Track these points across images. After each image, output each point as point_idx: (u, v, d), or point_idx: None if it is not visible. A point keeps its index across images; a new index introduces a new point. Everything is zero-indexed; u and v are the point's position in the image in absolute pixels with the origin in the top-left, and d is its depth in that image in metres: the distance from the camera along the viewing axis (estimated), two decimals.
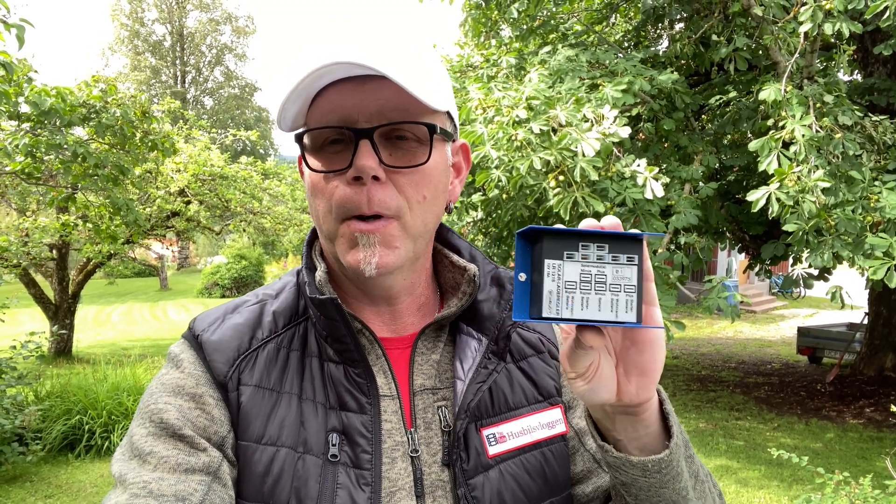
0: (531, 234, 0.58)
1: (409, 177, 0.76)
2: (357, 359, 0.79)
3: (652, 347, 0.63)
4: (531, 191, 4.65)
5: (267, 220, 11.82)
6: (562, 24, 7.56)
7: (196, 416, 0.75)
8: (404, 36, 0.79)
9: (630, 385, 0.65)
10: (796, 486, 5.34)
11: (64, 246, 10.18)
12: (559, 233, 0.57)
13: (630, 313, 0.57)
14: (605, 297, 0.57)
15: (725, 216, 7.00)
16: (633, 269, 0.57)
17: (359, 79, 0.74)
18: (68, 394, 6.11)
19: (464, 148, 0.88)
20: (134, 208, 6.56)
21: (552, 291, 0.56)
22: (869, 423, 7.35)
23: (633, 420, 0.68)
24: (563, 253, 0.57)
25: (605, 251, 0.57)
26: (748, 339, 13.61)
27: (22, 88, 5.02)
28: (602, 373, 0.64)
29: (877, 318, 9.08)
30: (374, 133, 0.73)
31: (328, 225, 0.77)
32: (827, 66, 6.99)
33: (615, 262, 0.57)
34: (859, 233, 4.51)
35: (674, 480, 0.70)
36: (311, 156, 0.77)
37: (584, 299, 0.56)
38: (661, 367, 0.65)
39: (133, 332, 14.51)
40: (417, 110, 0.75)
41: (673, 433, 0.69)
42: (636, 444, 0.69)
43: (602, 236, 0.57)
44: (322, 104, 0.75)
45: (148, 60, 38.95)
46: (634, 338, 0.64)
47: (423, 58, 0.78)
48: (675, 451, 0.69)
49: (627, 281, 0.57)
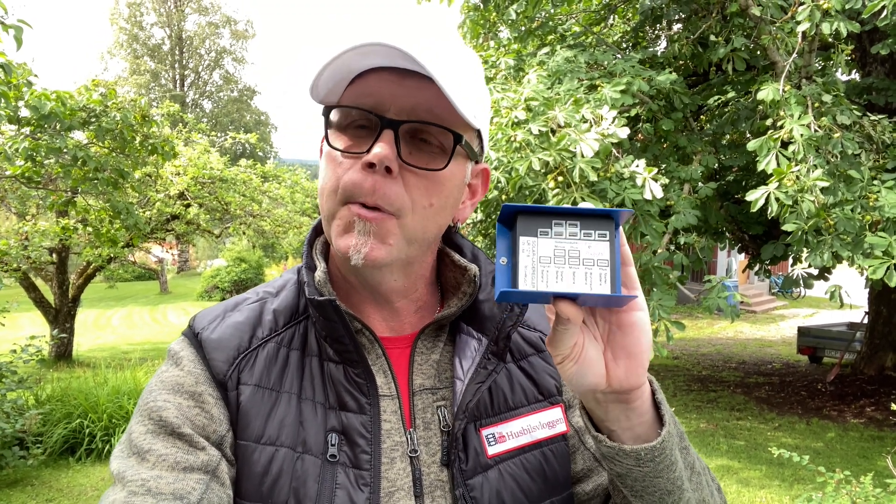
0: (508, 217, 0.60)
1: (421, 179, 0.75)
2: (356, 359, 0.78)
3: (636, 329, 0.64)
4: (530, 192, 4.65)
5: (266, 222, 11.82)
6: (560, 26, 7.57)
7: (195, 414, 0.75)
8: (455, 43, 0.79)
9: (618, 369, 0.65)
10: (797, 486, 5.34)
11: (64, 250, 10.18)
12: (532, 210, 0.59)
13: (604, 285, 0.58)
14: (580, 270, 0.58)
15: (725, 216, 7.00)
16: (606, 245, 0.59)
17: (400, 72, 0.74)
18: (69, 397, 6.11)
19: (484, 172, 0.88)
20: (134, 212, 6.57)
21: (527, 266, 0.58)
22: (870, 422, 7.35)
23: (626, 408, 0.68)
24: (537, 230, 0.59)
25: (577, 227, 0.59)
26: (748, 340, 13.61)
27: (22, 92, 5.02)
28: (588, 356, 0.64)
29: (877, 317, 9.08)
30: (400, 126, 0.74)
31: (330, 204, 0.77)
32: (825, 65, 7.00)
33: (587, 238, 0.59)
34: (858, 232, 4.51)
35: (668, 469, 0.71)
36: (333, 132, 0.78)
37: (559, 272, 0.58)
38: (648, 349, 0.65)
39: (133, 336, 14.51)
40: (450, 118, 0.75)
41: (665, 421, 0.69)
42: (630, 434, 0.70)
43: (574, 214, 0.59)
44: (358, 86, 0.76)
45: (147, 64, 39.00)
46: (619, 321, 0.64)
47: (469, 70, 0.78)
48: (667, 440, 0.69)
49: (600, 255, 0.59)
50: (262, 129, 40.98)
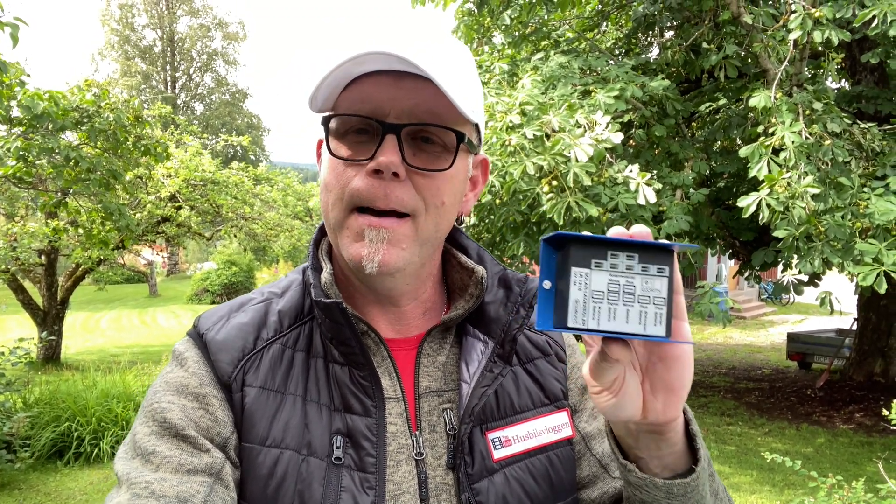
0: (557, 240, 0.56)
1: (429, 180, 0.75)
2: (362, 361, 0.78)
3: (680, 364, 0.62)
4: (524, 196, 4.66)
5: (258, 225, 11.78)
6: (554, 31, 7.61)
7: (199, 416, 0.75)
8: (449, 42, 0.78)
9: (657, 402, 0.63)
10: (788, 491, 5.36)
11: (53, 252, 10.10)
12: (587, 240, 0.55)
13: (659, 327, 0.55)
14: (634, 308, 0.54)
15: (716, 222, 7.04)
16: (664, 281, 0.55)
17: (396, 74, 0.73)
18: (57, 401, 6.05)
19: (483, 163, 0.87)
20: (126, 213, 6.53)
21: (578, 301, 0.54)
22: (859, 427, 7.39)
23: (658, 439, 0.66)
24: (592, 261, 0.54)
25: (635, 261, 0.55)
26: (738, 345, 13.68)
27: (14, 92, 4.99)
28: (627, 389, 0.62)
29: (866, 323, 9.15)
30: (402, 130, 0.73)
31: (336, 213, 0.76)
32: (816, 73, 7.07)
33: (645, 273, 0.55)
34: (849, 239, 4.55)
35: (697, 503, 0.69)
36: (334, 140, 0.77)
37: (612, 310, 0.54)
38: (689, 384, 0.63)
39: (122, 339, 14.40)
40: (450, 116, 0.74)
41: (700, 456, 0.67)
42: (658, 463, 0.68)
43: (632, 245, 0.55)
44: (355, 92, 0.75)
45: (138, 66, 38.81)
46: (662, 353, 0.62)
47: (464, 66, 0.78)
48: (701, 475, 0.67)
49: (657, 293, 0.55)
50: (255, 132, 40.84)
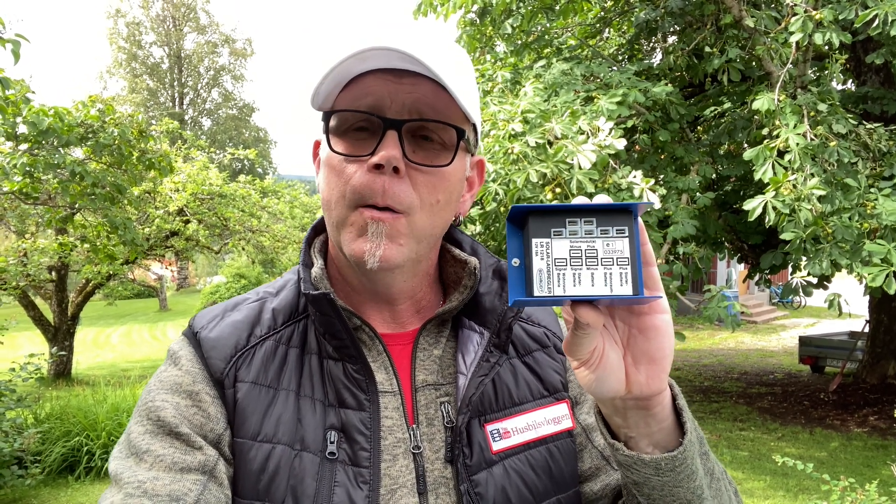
0: (519, 217, 0.57)
1: (427, 176, 0.76)
2: (355, 355, 0.78)
3: (658, 333, 0.62)
4: None
5: (266, 238, 11.83)
6: (556, 39, 7.63)
7: (192, 413, 0.75)
8: (449, 43, 0.79)
9: (639, 375, 0.62)
10: (802, 496, 5.30)
11: (63, 267, 10.18)
12: (544, 210, 0.56)
13: (626, 286, 0.55)
14: (598, 271, 0.55)
15: (723, 226, 7.02)
16: (625, 241, 0.55)
17: (397, 71, 0.74)
18: (68, 416, 6.07)
19: (480, 164, 0.88)
20: (132, 226, 6.57)
21: (542, 270, 0.55)
22: (873, 431, 7.31)
23: (646, 414, 0.65)
24: (550, 230, 0.55)
25: (594, 225, 0.55)
26: (750, 350, 13.57)
27: (20, 108, 5.04)
28: (608, 362, 0.62)
29: (878, 325, 9.06)
30: (402, 126, 0.73)
31: (339, 210, 0.77)
32: (820, 75, 7.05)
33: (605, 236, 0.55)
34: (857, 240, 4.51)
35: (688, 479, 0.68)
36: (334, 137, 0.77)
37: (576, 275, 0.54)
38: (670, 354, 0.63)
39: (133, 354, 14.46)
40: (450, 113, 0.75)
41: (686, 429, 0.67)
42: (648, 441, 0.67)
43: (589, 210, 0.56)
44: (355, 88, 0.75)
45: (146, 83, 39.19)
46: (641, 325, 0.62)
47: (463, 67, 0.79)
48: (688, 448, 0.66)
49: (619, 254, 0.55)
50: (262, 145, 41.09)
